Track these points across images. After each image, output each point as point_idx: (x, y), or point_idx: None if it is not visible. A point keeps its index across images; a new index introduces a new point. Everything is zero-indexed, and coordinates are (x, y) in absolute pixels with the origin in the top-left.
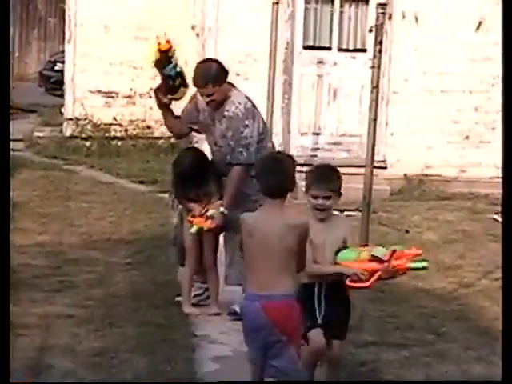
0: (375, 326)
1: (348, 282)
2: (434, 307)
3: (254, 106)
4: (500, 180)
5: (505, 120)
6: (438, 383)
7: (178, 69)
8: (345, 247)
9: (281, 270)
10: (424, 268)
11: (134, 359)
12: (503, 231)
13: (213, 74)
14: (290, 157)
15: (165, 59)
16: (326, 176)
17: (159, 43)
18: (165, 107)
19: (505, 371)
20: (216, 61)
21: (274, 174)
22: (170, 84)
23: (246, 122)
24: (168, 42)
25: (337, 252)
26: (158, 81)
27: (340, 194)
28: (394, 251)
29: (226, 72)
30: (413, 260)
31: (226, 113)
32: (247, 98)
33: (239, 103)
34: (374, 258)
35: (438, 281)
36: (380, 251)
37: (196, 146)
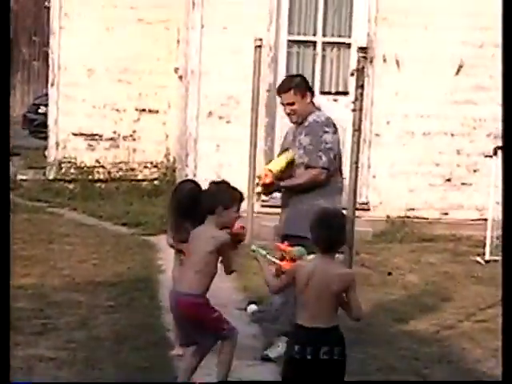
0: (357, 368)
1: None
2: (416, 349)
3: (336, 129)
4: (481, 222)
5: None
6: (438, 383)
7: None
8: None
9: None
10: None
11: None
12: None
13: (296, 82)
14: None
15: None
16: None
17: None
18: None
19: (505, 371)
20: (302, 76)
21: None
22: None
23: (327, 129)
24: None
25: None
26: (142, 122)
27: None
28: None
29: (310, 88)
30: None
31: (306, 123)
32: (332, 119)
33: (321, 115)
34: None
35: (420, 323)
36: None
37: None
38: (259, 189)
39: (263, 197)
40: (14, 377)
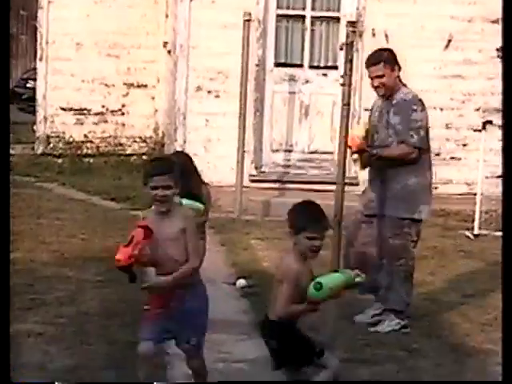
0: (346, 344)
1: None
2: (405, 323)
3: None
4: (471, 197)
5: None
6: (439, 383)
7: None
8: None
9: None
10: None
11: (105, 377)
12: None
13: (386, 56)
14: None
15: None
16: (321, 214)
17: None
18: None
19: (505, 371)
20: (391, 49)
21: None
22: None
23: (415, 107)
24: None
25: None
26: (130, 97)
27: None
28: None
29: (398, 63)
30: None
31: (394, 101)
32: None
33: (408, 92)
34: None
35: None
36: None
37: None
38: (355, 156)
39: (358, 167)
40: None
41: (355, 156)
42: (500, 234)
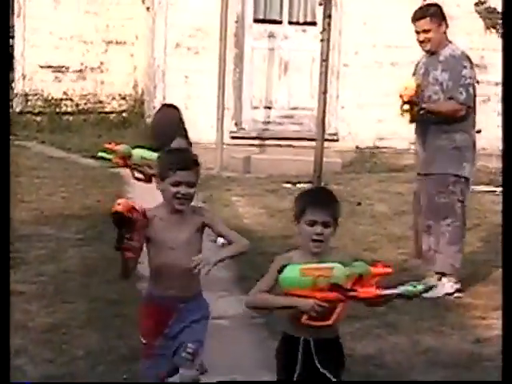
0: None
1: (304, 320)
2: (385, 278)
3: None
4: None
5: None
6: (439, 383)
7: None
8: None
9: None
10: (420, 293)
11: (85, 335)
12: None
13: (433, 10)
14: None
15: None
16: (325, 198)
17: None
18: None
19: (505, 371)
20: (438, 5)
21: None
22: None
23: (465, 64)
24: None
25: (280, 270)
26: (109, 54)
27: (337, 225)
28: (361, 276)
29: (445, 18)
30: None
31: (441, 58)
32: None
33: (456, 48)
34: (335, 287)
35: (388, 252)
36: (339, 278)
37: None
38: (406, 106)
39: (408, 118)
40: None
41: (406, 107)
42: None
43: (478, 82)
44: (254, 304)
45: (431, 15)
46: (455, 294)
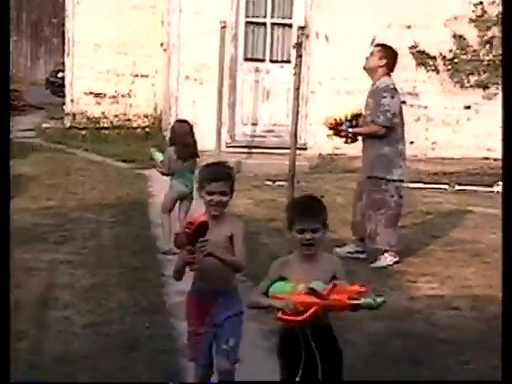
0: None
1: (279, 315)
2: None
3: (398, 94)
4: None
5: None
6: (439, 383)
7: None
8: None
9: None
10: (378, 306)
11: (117, 293)
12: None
13: (387, 49)
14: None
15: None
16: (311, 207)
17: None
18: None
19: (505, 371)
20: (392, 48)
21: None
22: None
23: (385, 94)
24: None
25: (272, 283)
26: (136, 84)
27: (326, 226)
28: (335, 285)
29: (389, 59)
30: (359, 296)
31: (373, 88)
32: (395, 87)
33: (383, 82)
34: (312, 292)
35: (344, 233)
36: (318, 285)
37: None
38: (329, 132)
39: (332, 137)
40: (39, 274)
41: (329, 132)
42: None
43: (404, 102)
44: (251, 305)
45: (381, 51)
46: (394, 265)
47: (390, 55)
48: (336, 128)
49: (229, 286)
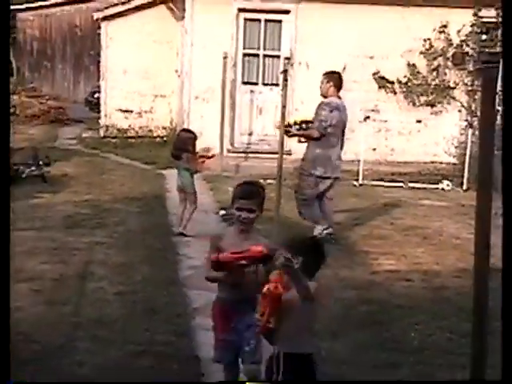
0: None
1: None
2: (309, 230)
3: (338, 110)
4: (356, 161)
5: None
6: (439, 383)
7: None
8: None
9: None
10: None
11: (142, 268)
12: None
13: (336, 76)
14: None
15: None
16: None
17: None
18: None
19: (505, 371)
20: (339, 73)
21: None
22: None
23: (325, 108)
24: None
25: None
26: (156, 102)
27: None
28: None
29: (338, 82)
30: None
31: (320, 103)
32: (337, 104)
33: (329, 100)
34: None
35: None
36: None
37: None
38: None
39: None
40: (80, 253)
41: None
42: (376, 183)
43: (368, 117)
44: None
45: (328, 77)
46: (328, 236)
47: (334, 78)
48: (286, 129)
49: (252, 294)
